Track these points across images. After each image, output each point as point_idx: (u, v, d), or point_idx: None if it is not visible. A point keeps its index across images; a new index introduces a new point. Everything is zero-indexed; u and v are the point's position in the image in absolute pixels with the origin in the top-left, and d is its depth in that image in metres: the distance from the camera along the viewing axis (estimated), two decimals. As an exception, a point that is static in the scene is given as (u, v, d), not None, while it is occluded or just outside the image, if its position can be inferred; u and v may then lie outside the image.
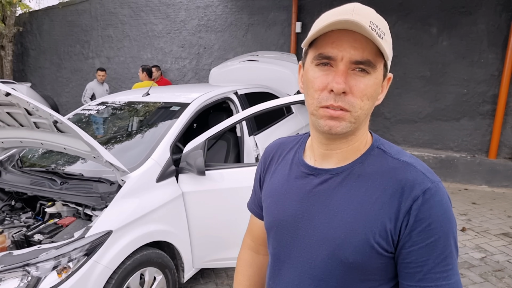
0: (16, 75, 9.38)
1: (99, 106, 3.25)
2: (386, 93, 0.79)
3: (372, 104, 0.73)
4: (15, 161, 2.77)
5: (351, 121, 0.71)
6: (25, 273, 1.79)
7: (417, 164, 0.75)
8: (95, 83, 6.63)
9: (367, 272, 0.73)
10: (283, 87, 4.45)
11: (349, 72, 0.69)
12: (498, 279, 2.97)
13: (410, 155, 0.78)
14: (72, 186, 2.28)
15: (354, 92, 0.69)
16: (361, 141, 0.78)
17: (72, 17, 8.65)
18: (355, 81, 0.69)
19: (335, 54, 0.69)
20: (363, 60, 0.68)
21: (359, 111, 0.71)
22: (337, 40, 0.69)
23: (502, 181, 5.24)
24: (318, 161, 0.82)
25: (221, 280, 2.95)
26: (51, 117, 1.90)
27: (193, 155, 2.43)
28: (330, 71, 0.70)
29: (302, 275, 0.79)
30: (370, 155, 0.78)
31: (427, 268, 0.69)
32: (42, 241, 2.02)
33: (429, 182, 0.71)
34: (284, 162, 0.89)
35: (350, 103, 0.70)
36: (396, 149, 0.79)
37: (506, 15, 5.17)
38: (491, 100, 5.44)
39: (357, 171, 0.76)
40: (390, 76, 0.78)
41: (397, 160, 0.76)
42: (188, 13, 7.58)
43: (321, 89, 0.71)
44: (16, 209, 2.44)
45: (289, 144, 0.92)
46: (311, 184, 0.80)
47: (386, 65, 0.73)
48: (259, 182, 0.98)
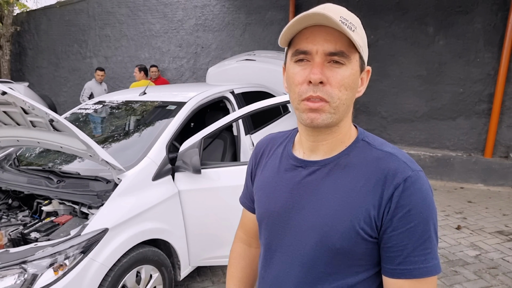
0: (14, 74, 9.37)
1: (96, 105, 3.26)
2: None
3: (351, 94, 0.76)
4: (12, 160, 2.78)
5: (330, 112, 0.75)
6: (22, 271, 1.80)
7: (399, 154, 0.78)
8: (93, 82, 6.63)
9: (353, 257, 0.77)
10: (279, 86, 4.46)
11: (326, 65, 0.73)
12: (492, 276, 2.99)
13: (393, 146, 0.82)
14: (68, 185, 2.29)
15: (332, 82, 0.73)
16: (345, 133, 0.82)
17: (69, 16, 8.65)
18: (332, 72, 0.73)
19: (309, 48, 0.73)
20: (337, 51, 0.72)
21: (337, 101, 0.74)
22: (311, 36, 0.73)
23: (498, 179, 5.27)
24: (306, 154, 0.86)
25: (217, 278, 2.96)
26: (47, 116, 1.91)
27: (189, 154, 2.45)
28: (308, 65, 0.74)
29: (293, 263, 0.83)
30: (356, 146, 0.82)
31: (407, 252, 0.73)
32: (39, 239, 2.03)
33: (410, 170, 0.75)
34: (274, 156, 0.93)
35: (328, 93, 0.73)
36: (380, 141, 0.83)
37: (502, 14, 5.19)
38: (487, 99, 5.47)
39: (343, 162, 0.80)
40: (368, 69, 0.82)
41: (381, 151, 0.79)
42: (186, 13, 7.59)
43: (301, 82, 0.75)
44: (13, 208, 2.46)
45: (279, 139, 0.96)
46: (300, 175, 0.84)
47: (362, 58, 0.77)
48: (251, 176, 1.01)
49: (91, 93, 6.55)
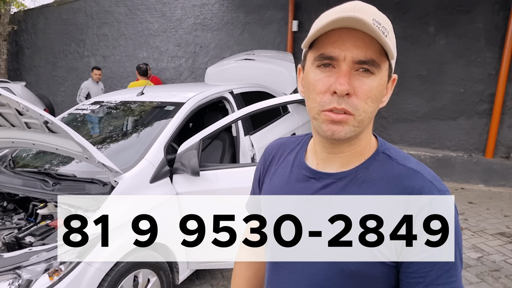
0: (11, 74, 9.31)
1: (93, 106, 3.22)
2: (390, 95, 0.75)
3: (376, 106, 0.70)
4: (7, 162, 2.74)
5: (354, 125, 0.68)
6: (16, 276, 1.77)
7: (424, 171, 0.72)
8: (90, 82, 6.58)
9: (368, 281, 0.71)
10: (279, 86, 4.43)
11: (353, 73, 0.66)
12: (494, 279, 2.96)
13: (417, 161, 0.75)
14: (64, 187, 2.25)
15: (358, 93, 0.66)
16: (365, 145, 0.76)
17: (67, 15, 8.59)
18: (359, 82, 0.66)
19: (337, 54, 0.66)
20: (367, 59, 0.65)
21: (362, 114, 0.68)
22: (339, 39, 0.65)
23: (499, 180, 5.25)
24: (320, 165, 0.79)
25: (216, 281, 2.92)
26: (42, 117, 1.87)
27: (187, 156, 2.40)
28: (333, 72, 0.67)
29: (301, 282, 0.77)
30: (375, 160, 0.75)
31: (429, 279, 0.67)
32: (33, 243, 1.99)
33: (436, 191, 0.68)
34: (284, 163, 0.86)
35: (354, 105, 0.66)
36: (402, 155, 0.76)
37: (503, 13, 5.16)
38: (488, 99, 5.44)
39: (361, 177, 0.74)
40: (394, 77, 0.75)
41: (403, 167, 0.73)
42: (184, 12, 7.54)
43: (323, 91, 0.68)
44: (8, 210, 2.42)
45: (290, 145, 0.89)
46: (313, 188, 0.77)
47: (391, 66, 0.70)
48: (258, 183, 0.95)
49: (88, 93, 6.48)
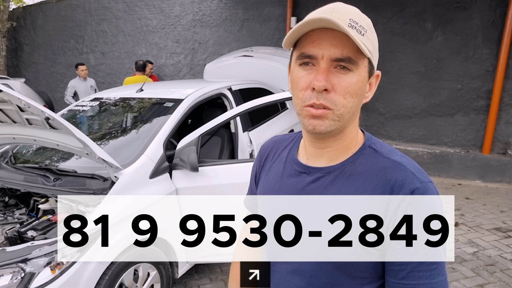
0: (10, 70, 9.30)
1: (92, 102, 3.24)
2: (378, 89, 0.78)
3: (357, 101, 0.73)
4: (9, 158, 2.76)
5: (334, 119, 0.72)
6: (19, 269, 1.79)
7: (408, 164, 0.75)
8: (76, 80, 6.35)
9: (356, 269, 0.75)
10: (277, 82, 4.45)
11: (331, 70, 0.70)
12: (489, 273, 3.00)
13: (402, 154, 0.78)
14: (65, 183, 2.28)
15: (337, 89, 0.70)
16: (351, 139, 0.79)
17: (66, 11, 8.58)
18: (337, 79, 0.70)
19: (315, 53, 0.70)
20: (343, 57, 0.68)
21: (342, 109, 0.71)
22: (318, 39, 0.69)
23: (496, 176, 5.28)
24: (310, 160, 0.82)
25: (215, 275, 2.96)
26: (43, 113, 1.89)
27: (187, 152, 2.43)
28: (313, 70, 0.71)
29: (294, 272, 0.81)
30: (362, 154, 0.78)
31: (411, 267, 0.70)
32: (35, 238, 2.02)
33: (418, 182, 0.71)
34: (278, 160, 0.91)
35: (332, 100, 0.70)
36: (387, 148, 0.79)
37: (500, 10, 5.17)
38: (486, 96, 5.46)
39: (348, 170, 0.77)
40: (378, 73, 0.78)
41: (388, 159, 0.76)
42: (183, 8, 7.54)
43: (304, 88, 0.72)
44: (10, 206, 2.45)
45: (284, 142, 0.94)
46: (304, 182, 0.81)
47: (371, 62, 0.73)
48: (255, 180, 0.99)
49: (74, 92, 6.28)
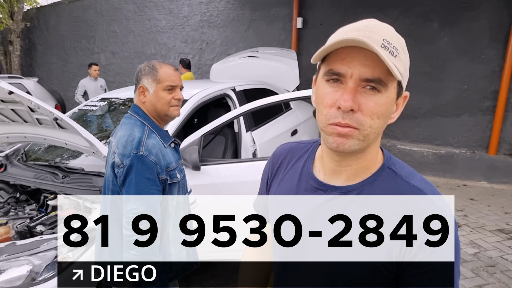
0: (24, 69, 9.53)
1: (100, 102, 3.34)
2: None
3: (383, 122, 0.71)
4: (20, 155, 2.87)
5: (359, 138, 0.70)
6: (28, 262, 1.89)
7: (428, 190, 0.74)
8: (87, 79, 6.44)
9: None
10: (282, 83, 4.50)
11: (359, 90, 0.68)
12: (489, 274, 2.99)
13: (421, 177, 0.77)
14: (73, 180, 2.37)
15: (363, 110, 0.68)
16: (371, 159, 0.77)
17: (78, 12, 8.76)
18: (365, 99, 0.68)
19: (344, 71, 0.68)
20: (374, 78, 0.67)
21: (368, 129, 0.69)
22: (348, 57, 0.67)
23: (502, 177, 5.25)
24: (327, 176, 0.81)
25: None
26: (52, 114, 1.99)
27: (189, 151, 2.51)
28: (340, 87, 0.69)
29: (310, 282, 0.82)
30: (381, 175, 0.77)
31: (425, 278, 0.70)
32: (44, 232, 2.12)
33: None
34: (292, 171, 0.88)
35: (358, 121, 0.68)
36: (407, 171, 0.78)
37: (508, 10, 5.13)
38: (492, 96, 5.43)
39: (366, 192, 0.76)
40: (406, 94, 0.76)
41: (408, 184, 0.75)
42: (191, 9, 7.64)
43: (329, 105, 0.70)
44: (20, 201, 2.55)
45: (299, 151, 0.91)
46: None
47: (400, 84, 0.71)
48: (266, 185, 0.96)
49: (84, 91, 6.37)
